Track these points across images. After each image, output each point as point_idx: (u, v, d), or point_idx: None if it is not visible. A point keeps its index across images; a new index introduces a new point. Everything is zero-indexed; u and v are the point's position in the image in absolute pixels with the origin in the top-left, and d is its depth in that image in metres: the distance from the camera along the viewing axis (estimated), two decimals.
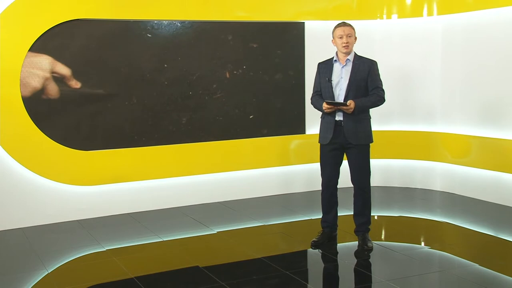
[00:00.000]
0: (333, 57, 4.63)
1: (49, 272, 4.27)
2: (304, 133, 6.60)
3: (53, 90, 5.51)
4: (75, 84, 5.60)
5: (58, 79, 5.53)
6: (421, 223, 5.52)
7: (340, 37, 4.52)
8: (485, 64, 6.03)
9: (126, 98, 5.81)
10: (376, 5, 6.74)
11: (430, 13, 6.53)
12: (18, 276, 4.20)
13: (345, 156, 4.68)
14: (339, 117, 4.52)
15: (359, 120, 4.51)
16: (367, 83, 4.53)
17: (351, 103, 4.39)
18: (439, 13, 6.47)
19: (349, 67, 4.54)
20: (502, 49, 5.84)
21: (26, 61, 5.33)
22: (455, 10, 6.28)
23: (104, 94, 5.72)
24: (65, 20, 5.45)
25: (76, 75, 5.59)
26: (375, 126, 6.46)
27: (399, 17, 6.69)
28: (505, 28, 5.80)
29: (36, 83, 5.42)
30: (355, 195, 4.68)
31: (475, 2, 6.07)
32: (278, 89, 6.49)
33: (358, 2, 6.72)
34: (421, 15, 6.58)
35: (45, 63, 5.44)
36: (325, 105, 4.48)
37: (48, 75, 5.48)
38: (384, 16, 6.74)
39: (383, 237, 5.13)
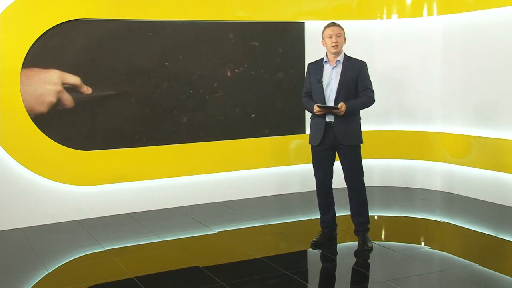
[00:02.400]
0: (323, 58, 4.63)
1: (49, 272, 4.27)
2: (304, 133, 6.60)
3: (53, 90, 5.51)
4: (75, 84, 5.60)
5: (58, 79, 5.53)
6: (421, 223, 5.52)
7: (330, 37, 4.51)
8: (485, 64, 6.03)
9: (126, 98, 5.81)
10: (376, 5, 6.74)
11: (430, 13, 6.53)
12: (18, 276, 4.20)
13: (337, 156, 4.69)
14: (329, 118, 4.51)
15: (349, 121, 4.51)
16: (357, 83, 4.53)
17: (342, 106, 4.39)
18: (439, 13, 6.47)
19: (339, 68, 4.54)
20: (502, 49, 5.84)
21: (26, 61, 5.33)
22: (455, 10, 6.28)
23: (104, 94, 5.72)
24: (65, 20, 5.46)
25: (76, 75, 5.59)
26: (374, 126, 6.53)
27: (399, 17, 6.69)
28: (505, 28, 5.80)
29: (36, 83, 5.42)
30: (350, 196, 4.68)
31: (475, 2, 6.07)
32: (279, 89, 6.49)
33: (358, 2, 6.71)
34: (421, 15, 6.58)
35: (45, 63, 5.43)
36: (316, 108, 4.47)
37: (48, 75, 5.48)
38: (384, 16, 6.74)
39: (383, 237, 5.13)
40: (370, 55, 5.61)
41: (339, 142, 4.52)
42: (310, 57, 6.40)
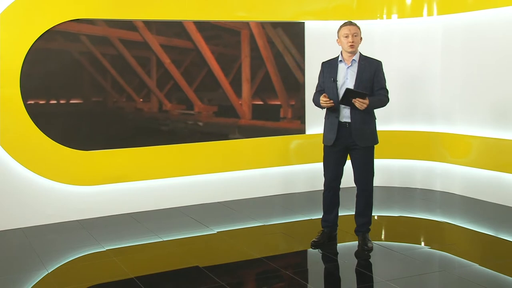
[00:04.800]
0: (337, 57, 4.57)
1: (49, 272, 4.27)
2: (304, 133, 6.60)
3: (53, 89, 5.51)
4: (75, 84, 5.61)
5: (58, 78, 5.54)
6: (421, 223, 5.52)
7: (346, 36, 4.45)
8: (485, 64, 6.03)
9: (126, 98, 5.81)
10: (376, 5, 6.75)
11: (430, 13, 6.53)
12: (18, 276, 4.20)
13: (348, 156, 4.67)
14: (344, 118, 4.48)
15: (366, 121, 4.47)
16: (372, 83, 4.50)
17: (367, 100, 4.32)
18: (439, 13, 6.47)
19: (354, 68, 4.49)
20: (502, 49, 5.84)
21: (26, 60, 5.33)
22: (455, 10, 6.28)
23: (104, 94, 5.73)
24: (65, 20, 5.46)
25: (76, 74, 5.60)
26: None
27: (399, 17, 6.69)
28: (505, 28, 5.80)
29: (36, 82, 5.42)
30: (357, 196, 4.67)
31: (475, 2, 6.07)
32: (278, 89, 6.50)
33: (358, 2, 6.72)
34: (421, 15, 6.59)
35: (45, 62, 5.44)
36: (322, 99, 4.41)
37: (48, 74, 5.48)
38: (384, 16, 6.74)
39: (383, 237, 5.13)
40: (370, 55, 5.57)
41: (355, 142, 4.48)
42: (310, 57, 6.43)
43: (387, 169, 6.84)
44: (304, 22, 6.53)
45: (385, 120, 6.72)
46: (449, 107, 6.48)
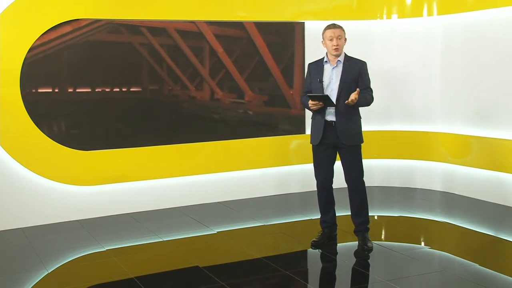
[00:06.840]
0: (323, 58, 4.63)
1: (49, 272, 4.27)
2: (304, 133, 6.60)
3: (53, 89, 5.51)
4: (76, 84, 5.61)
5: (58, 78, 5.54)
6: (421, 223, 5.52)
7: (330, 39, 4.51)
8: (485, 64, 6.03)
9: (126, 97, 5.82)
10: (376, 5, 6.74)
11: (430, 13, 6.53)
12: (18, 276, 4.20)
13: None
14: (329, 117, 4.51)
15: (350, 120, 4.50)
16: (357, 83, 4.53)
17: (355, 96, 4.34)
18: (439, 13, 6.47)
19: (339, 69, 4.54)
20: (502, 49, 5.84)
21: (26, 61, 5.33)
22: (455, 10, 6.28)
23: (104, 94, 5.73)
24: (65, 20, 5.46)
25: (76, 74, 5.60)
26: (375, 126, 6.52)
27: (399, 17, 6.69)
28: (505, 28, 5.80)
29: (36, 82, 5.42)
30: (350, 196, 4.68)
31: (475, 2, 6.07)
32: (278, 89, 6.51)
33: (358, 2, 6.72)
34: (421, 15, 6.59)
35: (45, 63, 5.44)
36: (311, 102, 4.45)
37: (48, 74, 5.48)
38: (384, 16, 6.74)
39: (383, 237, 5.13)
40: (370, 55, 5.61)
41: (341, 141, 4.51)
42: (310, 57, 6.42)
43: (387, 169, 6.84)
44: (304, 22, 6.53)
45: (385, 120, 6.74)
46: (449, 107, 6.48)
